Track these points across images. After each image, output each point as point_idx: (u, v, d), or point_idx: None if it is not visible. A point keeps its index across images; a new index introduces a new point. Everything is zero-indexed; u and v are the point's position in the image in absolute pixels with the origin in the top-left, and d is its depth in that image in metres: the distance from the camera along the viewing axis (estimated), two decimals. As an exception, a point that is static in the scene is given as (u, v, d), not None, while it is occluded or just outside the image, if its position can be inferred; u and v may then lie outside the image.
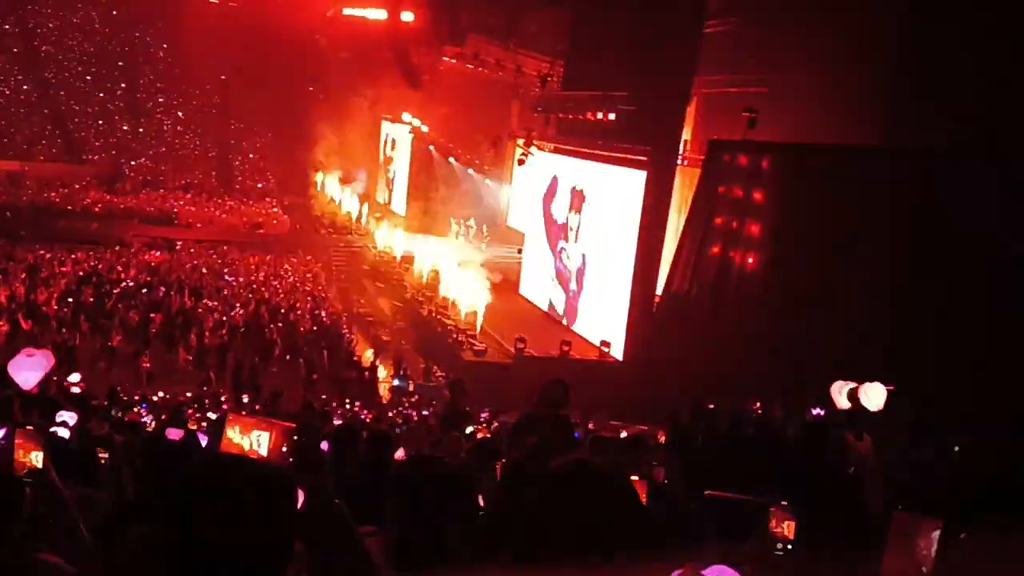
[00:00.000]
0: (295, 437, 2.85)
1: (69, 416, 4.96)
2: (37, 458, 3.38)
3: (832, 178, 15.77)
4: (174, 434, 5.09)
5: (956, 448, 8.68)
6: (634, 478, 3.91)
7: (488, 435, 9.77)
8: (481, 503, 5.00)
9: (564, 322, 25.95)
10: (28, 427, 3.45)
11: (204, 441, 6.52)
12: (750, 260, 17.73)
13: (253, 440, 2.77)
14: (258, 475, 2.28)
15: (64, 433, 4.92)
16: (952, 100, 14.06)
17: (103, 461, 5.02)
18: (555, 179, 27.84)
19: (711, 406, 11.90)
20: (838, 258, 15.07)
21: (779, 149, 17.69)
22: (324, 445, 6.24)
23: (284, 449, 2.80)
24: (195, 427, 10.30)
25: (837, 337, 14.26)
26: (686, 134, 22.72)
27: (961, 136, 13.65)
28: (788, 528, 3.96)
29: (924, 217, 13.43)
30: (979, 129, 13.25)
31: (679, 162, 22.11)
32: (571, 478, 2.15)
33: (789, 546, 3.91)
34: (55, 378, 13.63)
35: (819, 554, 3.86)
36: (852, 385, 9.78)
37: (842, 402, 9.76)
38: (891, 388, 9.45)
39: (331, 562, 2.78)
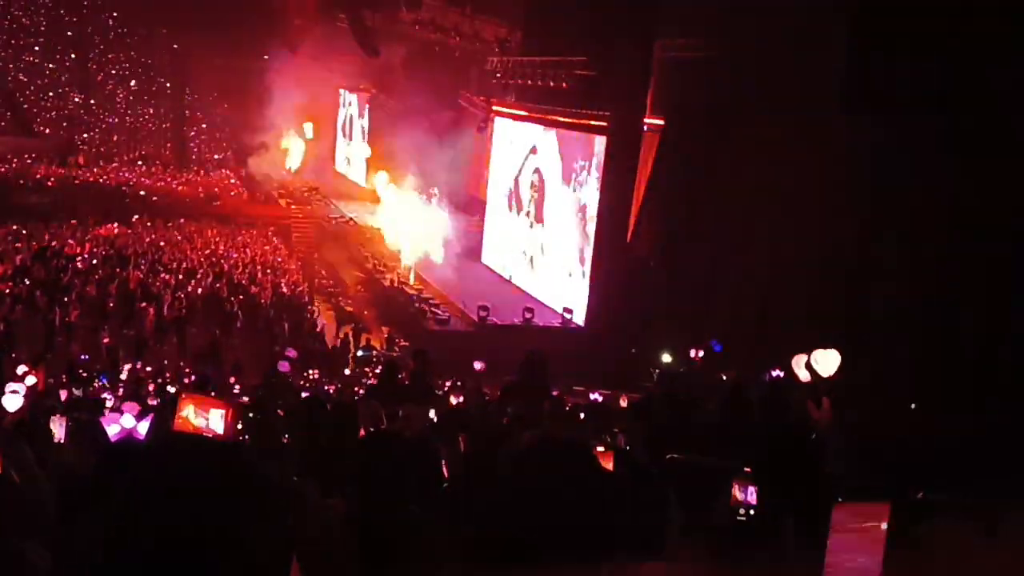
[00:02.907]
0: (251, 414, 2.80)
1: (16, 395, 4.83)
2: None
3: (790, 141, 15.83)
4: (129, 412, 5.01)
5: (913, 406, 8.82)
6: (600, 449, 3.92)
7: (458, 405, 9.75)
8: (445, 473, 4.98)
9: (525, 289, 25.96)
10: None
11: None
12: (710, 225, 17.82)
13: (209, 418, 2.73)
14: (211, 452, 2.24)
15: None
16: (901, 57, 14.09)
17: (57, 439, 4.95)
18: (514, 145, 27.75)
19: (671, 370, 12.00)
20: (797, 222, 15.18)
21: (737, 113, 17.72)
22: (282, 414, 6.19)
23: (240, 426, 2.76)
24: (154, 402, 10.18)
25: (798, 301, 14.41)
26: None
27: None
28: (750, 494, 4.00)
29: (887, 178, 13.55)
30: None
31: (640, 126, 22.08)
32: (538, 452, 2.13)
33: (751, 511, 3.95)
34: (12, 355, 13.44)
35: (780, 520, 3.89)
36: (807, 356, 9.88)
37: (802, 374, 9.85)
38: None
39: (289, 538, 2.75)
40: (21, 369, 11.31)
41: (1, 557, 2.63)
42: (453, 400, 10.10)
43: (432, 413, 7.54)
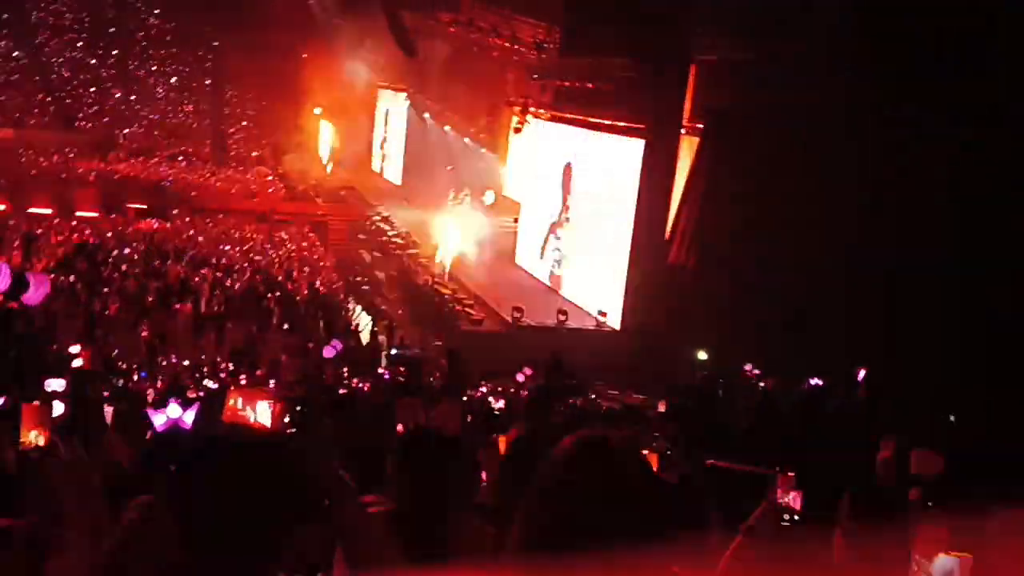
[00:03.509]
0: (297, 407, 2.81)
1: (58, 384, 4.89)
2: (40, 437, 3.33)
3: (832, 141, 15.63)
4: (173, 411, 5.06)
5: (951, 418, 8.69)
6: (644, 452, 3.89)
7: (496, 407, 9.73)
8: (483, 477, 4.96)
9: (560, 291, 25.90)
10: (34, 403, 3.39)
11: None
12: (748, 228, 17.65)
13: (255, 410, 2.74)
14: (261, 445, 2.25)
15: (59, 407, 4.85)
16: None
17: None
18: (550, 147, 27.71)
19: (709, 376, 11.91)
20: (835, 225, 15.00)
21: (776, 113, 17.52)
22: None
23: (286, 419, 2.76)
24: (194, 396, 10.27)
25: (836, 308, 14.24)
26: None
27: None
28: (794, 499, 3.94)
29: (930, 182, 13.35)
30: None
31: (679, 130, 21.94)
32: (587, 453, 2.10)
33: (795, 516, 3.89)
34: (53, 347, 13.60)
35: (824, 527, 3.84)
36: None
37: None
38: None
39: (335, 531, 2.75)
40: (74, 348, 11.47)
41: (41, 536, 2.65)
42: (494, 403, 10.08)
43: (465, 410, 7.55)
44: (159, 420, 4.45)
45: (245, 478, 2.05)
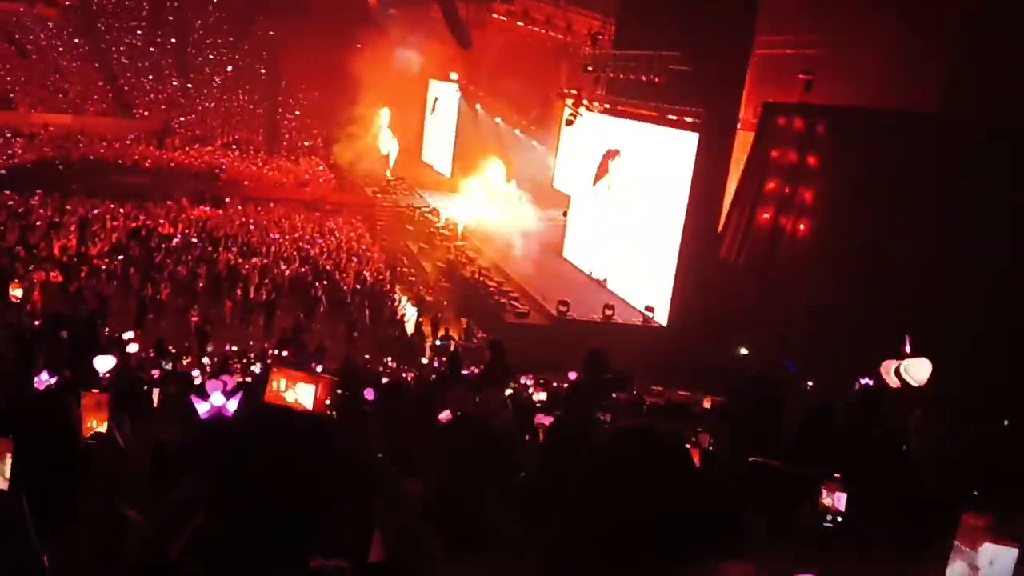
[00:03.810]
0: (339, 391, 2.80)
1: (107, 362, 4.95)
2: (101, 423, 3.38)
3: (889, 145, 15.40)
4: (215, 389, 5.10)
5: (1005, 423, 8.49)
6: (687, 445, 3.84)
7: (538, 398, 9.70)
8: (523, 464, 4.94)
9: (607, 286, 25.77)
10: (93, 391, 3.44)
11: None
12: (801, 227, 17.44)
13: (298, 392, 2.74)
14: (304, 426, 2.25)
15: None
16: (1012, 68, 13.63)
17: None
18: (603, 140, 27.57)
19: (759, 375, 11.74)
20: (892, 226, 14.76)
21: (836, 113, 17.30)
22: (369, 395, 6.23)
23: (328, 402, 2.76)
24: (240, 379, 10.39)
25: (888, 307, 14.00)
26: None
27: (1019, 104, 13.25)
28: (839, 500, 3.88)
29: (981, 186, 13.09)
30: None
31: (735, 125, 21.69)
32: (632, 444, 2.07)
33: (839, 519, 3.83)
34: (106, 329, 13.84)
35: (870, 530, 3.77)
36: (897, 363, 9.56)
37: (892, 380, 9.55)
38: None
39: (372, 515, 2.76)
40: (128, 335, 11.66)
41: (106, 518, 2.68)
42: (536, 396, 10.04)
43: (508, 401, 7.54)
44: (203, 408, 4.49)
45: (283, 459, 2.05)
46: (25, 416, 2.73)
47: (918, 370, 9.32)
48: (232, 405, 4.65)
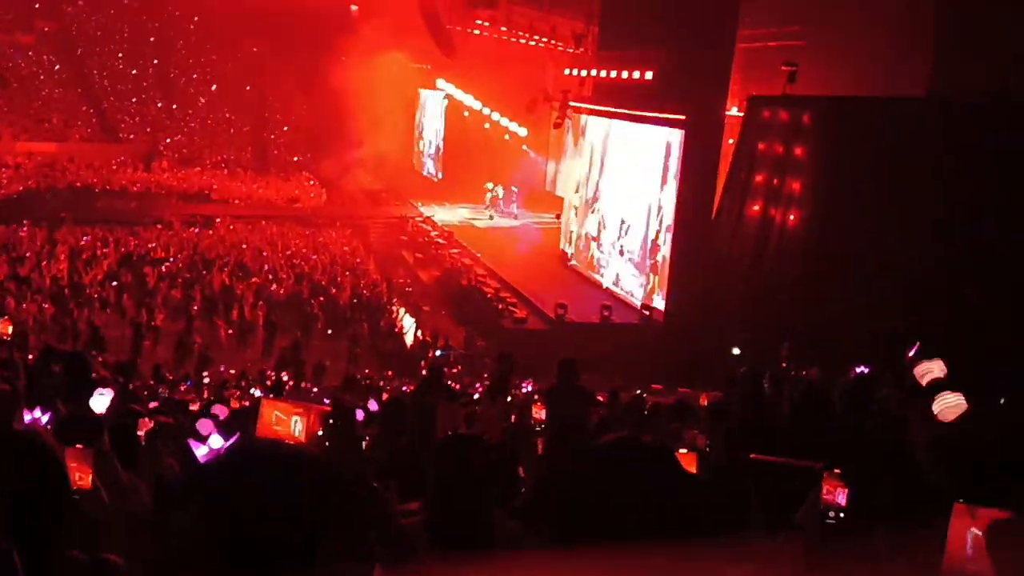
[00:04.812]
0: (331, 420, 2.80)
1: (103, 396, 4.86)
2: (85, 478, 3.35)
3: (875, 132, 15.40)
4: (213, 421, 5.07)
5: (1002, 400, 8.46)
6: (682, 451, 3.84)
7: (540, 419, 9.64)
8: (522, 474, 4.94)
9: (604, 286, 25.79)
10: (77, 446, 3.39)
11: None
12: (791, 218, 17.43)
13: (289, 424, 2.75)
14: (292, 462, 2.24)
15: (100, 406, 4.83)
16: (996, 47, 13.64)
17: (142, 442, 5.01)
18: (591, 141, 27.59)
19: (752, 369, 11.72)
20: (881, 215, 14.75)
21: (820, 103, 17.30)
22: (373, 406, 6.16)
23: (319, 433, 2.76)
24: (236, 406, 10.36)
25: (879, 297, 13.99)
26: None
27: (1006, 85, 13.24)
28: (840, 495, 3.87)
29: (970, 170, 13.08)
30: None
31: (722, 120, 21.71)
32: (619, 455, 2.07)
33: (841, 514, 3.82)
34: (100, 359, 13.79)
35: (872, 524, 3.76)
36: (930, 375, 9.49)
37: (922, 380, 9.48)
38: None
39: (368, 544, 2.75)
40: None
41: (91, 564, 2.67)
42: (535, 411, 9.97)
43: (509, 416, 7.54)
44: (201, 452, 4.45)
45: (272, 495, 2.04)
46: (10, 457, 2.70)
47: (952, 409, 9.26)
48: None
